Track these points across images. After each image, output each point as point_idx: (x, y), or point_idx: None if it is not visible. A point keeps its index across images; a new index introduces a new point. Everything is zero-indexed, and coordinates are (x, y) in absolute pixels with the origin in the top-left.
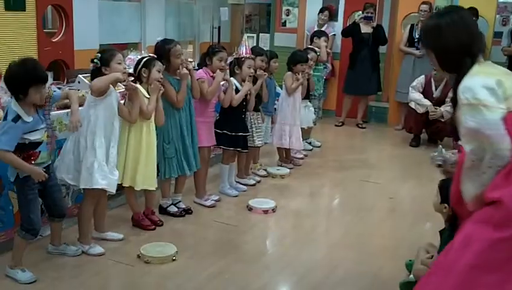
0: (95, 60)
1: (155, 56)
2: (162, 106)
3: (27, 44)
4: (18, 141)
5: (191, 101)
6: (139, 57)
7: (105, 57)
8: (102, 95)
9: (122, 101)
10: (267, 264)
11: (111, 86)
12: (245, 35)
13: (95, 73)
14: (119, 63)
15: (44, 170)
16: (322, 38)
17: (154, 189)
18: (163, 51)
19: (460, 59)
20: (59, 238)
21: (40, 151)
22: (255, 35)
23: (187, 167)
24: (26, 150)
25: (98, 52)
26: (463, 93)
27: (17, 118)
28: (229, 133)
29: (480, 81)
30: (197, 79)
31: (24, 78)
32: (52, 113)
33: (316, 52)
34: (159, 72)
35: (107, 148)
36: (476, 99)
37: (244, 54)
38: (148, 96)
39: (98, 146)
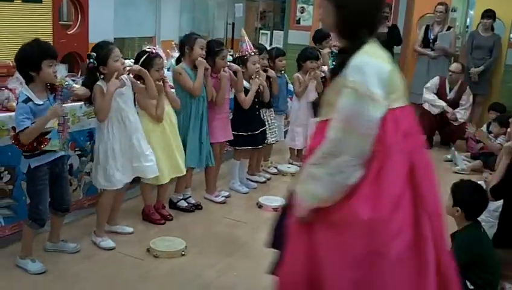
0: (92, 60)
1: (154, 52)
2: (174, 96)
3: (42, 36)
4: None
5: (205, 99)
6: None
7: (101, 55)
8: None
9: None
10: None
11: (105, 90)
12: (243, 31)
13: (92, 74)
14: (117, 60)
15: (56, 158)
16: (323, 43)
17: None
18: (190, 39)
19: (360, 26)
20: (57, 234)
21: (50, 139)
22: (268, 32)
23: (198, 162)
24: (36, 137)
25: (92, 50)
26: (353, 74)
27: (28, 100)
28: (245, 134)
29: (375, 66)
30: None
31: (36, 52)
32: (67, 105)
33: (319, 52)
34: (157, 71)
35: (125, 144)
36: (366, 88)
37: (246, 51)
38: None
39: (110, 152)
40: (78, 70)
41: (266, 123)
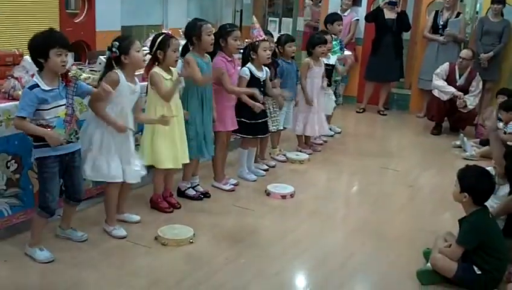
0: (114, 49)
1: (170, 33)
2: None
3: (49, 24)
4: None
5: (211, 90)
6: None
7: (124, 45)
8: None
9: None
10: (283, 250)
11: (121, 79)
12: (254, 18)
13: (111, 65)
14: (138, 51)
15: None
16: (335, 24)
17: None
18: (195, 27)
19: None
20: (68, 222)
21: (55, 126)
22: (277, 19)
23: (206, 151)
24: (40, 124)
25: (114, 40)
26: None
27: (35, 86)
28: (247, 121)
29: None
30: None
31: (45, 40)
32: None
33: (330, 35)
34: (174, 52)
35: (122, 143)
36: None
37: (257, 37)
38: (167, 78)
39: (105, 146)
40: (84, 59)
41: (268, 112)
